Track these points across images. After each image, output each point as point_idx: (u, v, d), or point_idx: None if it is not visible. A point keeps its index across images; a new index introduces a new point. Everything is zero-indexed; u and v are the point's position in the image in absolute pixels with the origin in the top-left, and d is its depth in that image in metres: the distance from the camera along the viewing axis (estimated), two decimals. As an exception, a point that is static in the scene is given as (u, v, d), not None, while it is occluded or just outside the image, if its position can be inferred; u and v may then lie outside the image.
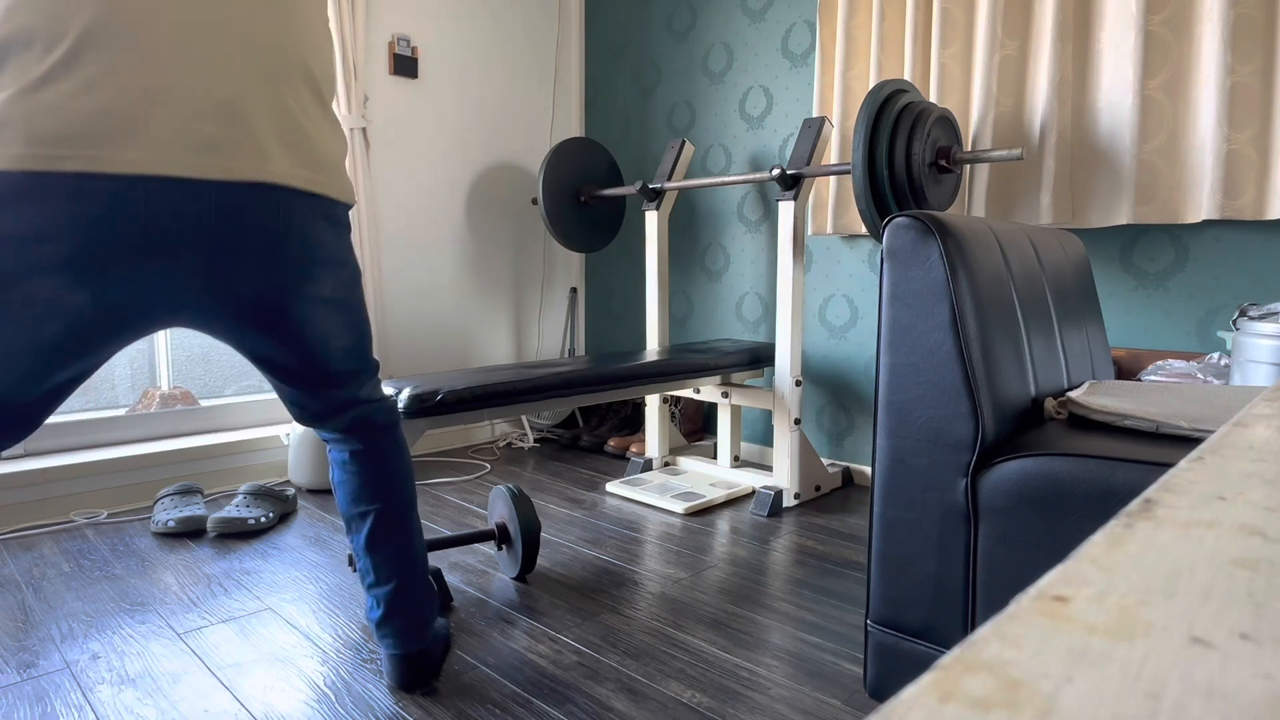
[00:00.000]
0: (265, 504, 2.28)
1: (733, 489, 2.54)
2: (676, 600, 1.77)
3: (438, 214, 3.14)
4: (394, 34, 2.95)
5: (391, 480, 1.38)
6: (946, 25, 2.29)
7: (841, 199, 2.61)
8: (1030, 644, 0.20)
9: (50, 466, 2.29)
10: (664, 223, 2.84)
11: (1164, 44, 1.98)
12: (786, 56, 2.82)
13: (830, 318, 2.77)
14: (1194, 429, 1.15)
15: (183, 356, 2.78)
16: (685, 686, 1.41)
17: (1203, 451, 0.38)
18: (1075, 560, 0.25)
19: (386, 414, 1.41)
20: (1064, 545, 1.09)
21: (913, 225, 1.21)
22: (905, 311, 1.22)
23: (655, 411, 2.81)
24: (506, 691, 1.40)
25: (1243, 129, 1.86)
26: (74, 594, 1.80)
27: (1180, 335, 2.05)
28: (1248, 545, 0.27)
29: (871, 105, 2.07)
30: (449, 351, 3.22)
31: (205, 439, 2.62)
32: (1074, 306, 1.61)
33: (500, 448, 3.23)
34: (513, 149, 3.38)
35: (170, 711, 1.34)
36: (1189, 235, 2.02)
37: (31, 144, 0.98)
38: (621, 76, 3.42)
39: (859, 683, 1.42)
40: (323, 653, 1.54)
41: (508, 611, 1.71)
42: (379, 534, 1.37)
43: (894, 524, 1.25)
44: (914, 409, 1.22)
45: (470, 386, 1.86)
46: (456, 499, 2.55)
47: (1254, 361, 1.58)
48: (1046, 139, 2.12)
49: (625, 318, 3.51)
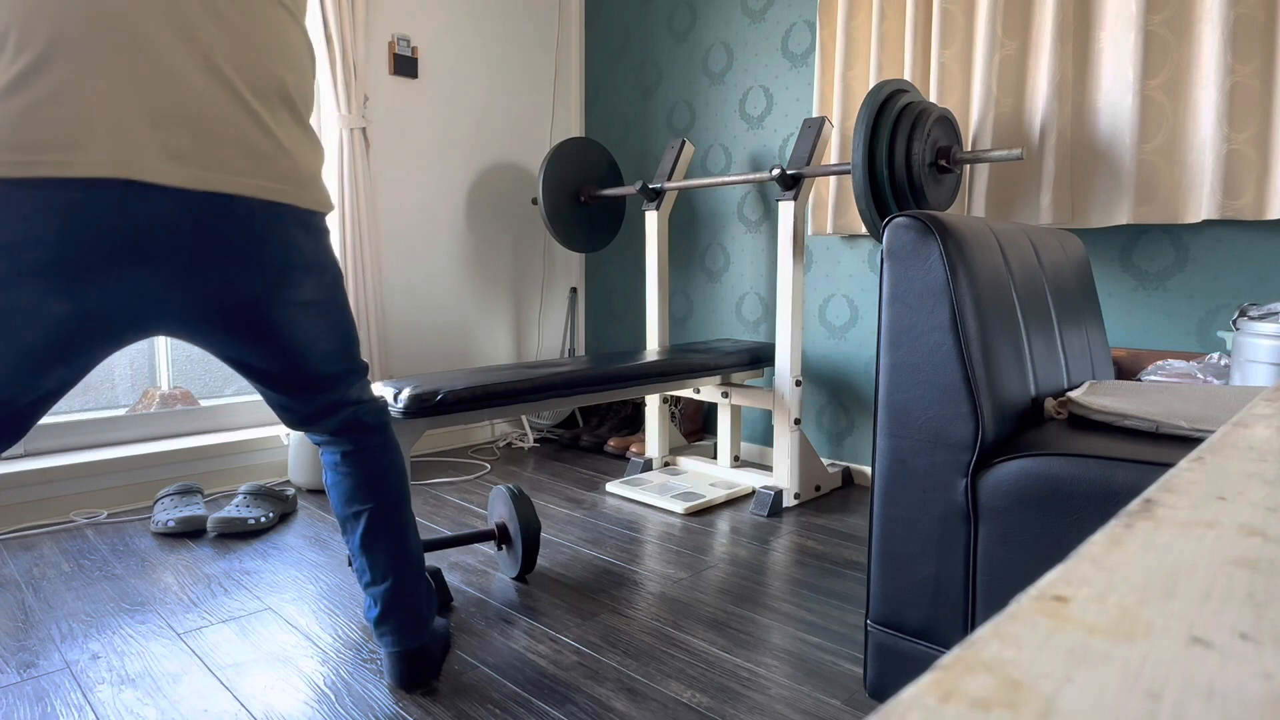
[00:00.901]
0: (265, 504, 2.28)
1: (733, 489, 2.54)
2: (676, 600, 1.77)
3: (437, 214, 3.14)
4: (394, 34, 2.95)
5: (383, 480, 1.39)
6: (946, 25, 2.29)
7: (841, 199, 2.61)
8: (1030, 644, 0.20)
9: (50, 466, 2.29)
10: (664, 223, 2.84)
11: (1164, 44, 1.98)
12: (786, 56, 2.82)
13: (830, 318, 2.77)
14: (1194, 429, 1.15)
15: (183, 356, 2.78)
16: (685, 686, 1.41)
17: (1203, 451, 0.38)
18: (1075, 560, 0.25)
19: (376, 415, 1.41)
20: (1064, 545, 1.09)
21: (913, 225, 1.21)
22: (905, 311, 1.22)
23: (655, 411, 2.81)
24: (506, 691, 1.40)
25: (1243, 129, 1.86)
26: (74, 594, 1.80)
27: (1180, 335, 2.05)
28: (1248, 545, 0.27)
29: (871, 105, 2.07)
30: (449, 351, 3.22)
31: (205, 439, 2.63)
32: (1074, 306, 1.61)
33: (500, 448, 3.23)
34: (513, 149, 3.38)
35: (170, 711, 1.34)
36: (1189, 235, 2.02)
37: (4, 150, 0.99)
38: (621, 76, 3.42)
39: (859, 683, 1.42)
40: (323, 653, 1.54)
41: (508, 611, 1.71)
42: (373, 533, 1.37)
43: (894, 524, 1.25)
44: (914, 409, 1.22)
45: (470, 386, 1.86)
46: (456, 499, 2.55)
47: (1254, 361, 1.58)
48: (1046, 139, 2.12)
49: (625, 318, 3.51)
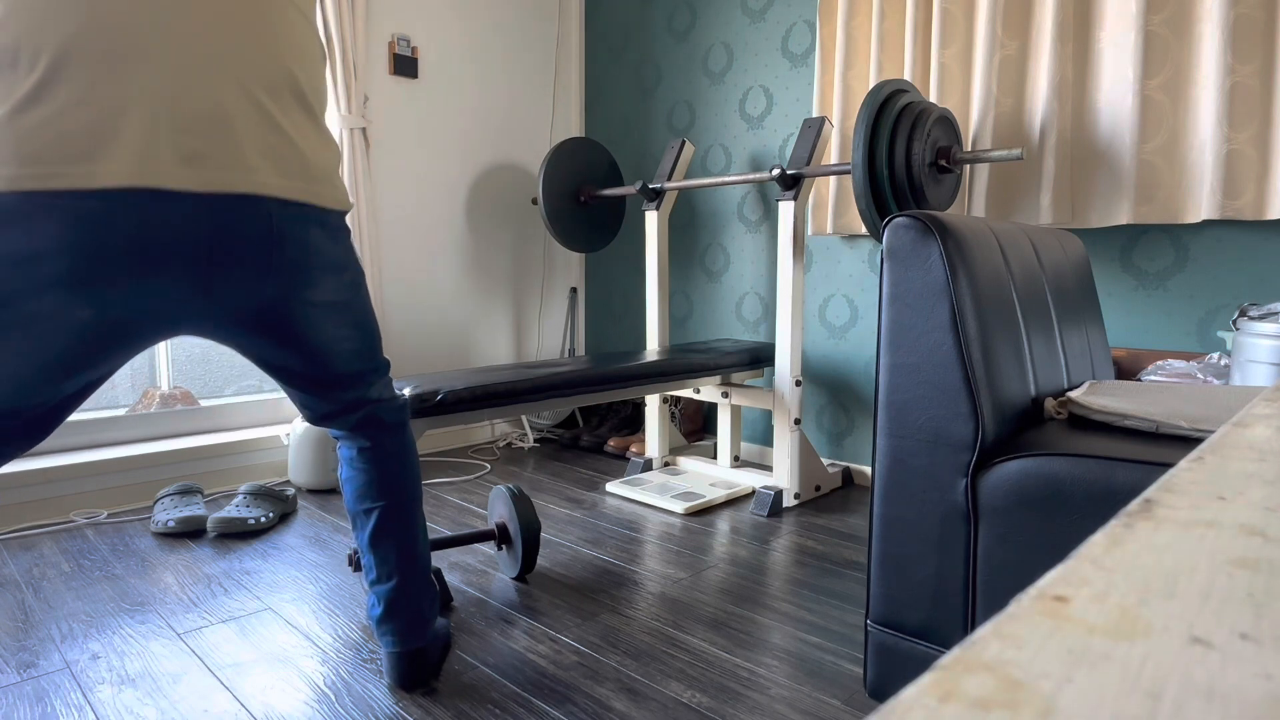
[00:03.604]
0: (265, 504, 2.28)
1: (733, 489, 2.54)
2: (676, 600, 1.77)
3: (438, 214, 3.14)
4: (394, 34, 2.95)
5: (397, 478, 1.39)
6: (946, 25, 2.29)
7: (841, 199, 2.61)
8: (1030, 644, 0.20)
9: (50, 466, 2.29)
10: (664, 223, 2.84)
11: (1164, 44, 1.98)
12: (786, 56, 2.82)
13: (830, 318, 2.77)
14: (1194, 429, 1.15)
15: (183, 356, 2.78)
16: (685, 686, 1.41)
17: (1203, 451, 0.38)
18: (1075, 560, 0.25)
19: (395, 413, 1.42)
20: (1064, 545, 1.09)
21: (913, 225, 1.21)
22: (905, 311, 1.22)
23: (655, 411, 2.81)
24: (506, 691, 1.40)
25: (1243, 129, 1.86)
26: (74, 594, 1.80)
27: (1180, 335, 2.05)
28: (1248, 545, 0.27)
29: (871, 105, 2.07)
30: (449, 351, 3.22)
31: (205, 439, 2.63)
32: (1074, 306, 1.61)
33: (500, 448, 3.23)
34: (513, 149, 3.38)
35: (170, 711, 1.34)
36: (1189, 235, 2.02)
37: (24, 164, 0.99)
38: (621, 76, 3.42)
39: (859, 683, 1.42)
40: (323, 653, 1.54)
41: (508, 611, 1.71)
42: (382, 531, 1.37)
43: (894, 524, 1.25)
44: (914, 409, 1.22)
45: (470, 386, 1.86)
46: (456, 499, 2.55)
47: (1254, 361, 1.58)
48: (1046, 139, 2.12)
49: (625, 318, 3.51)
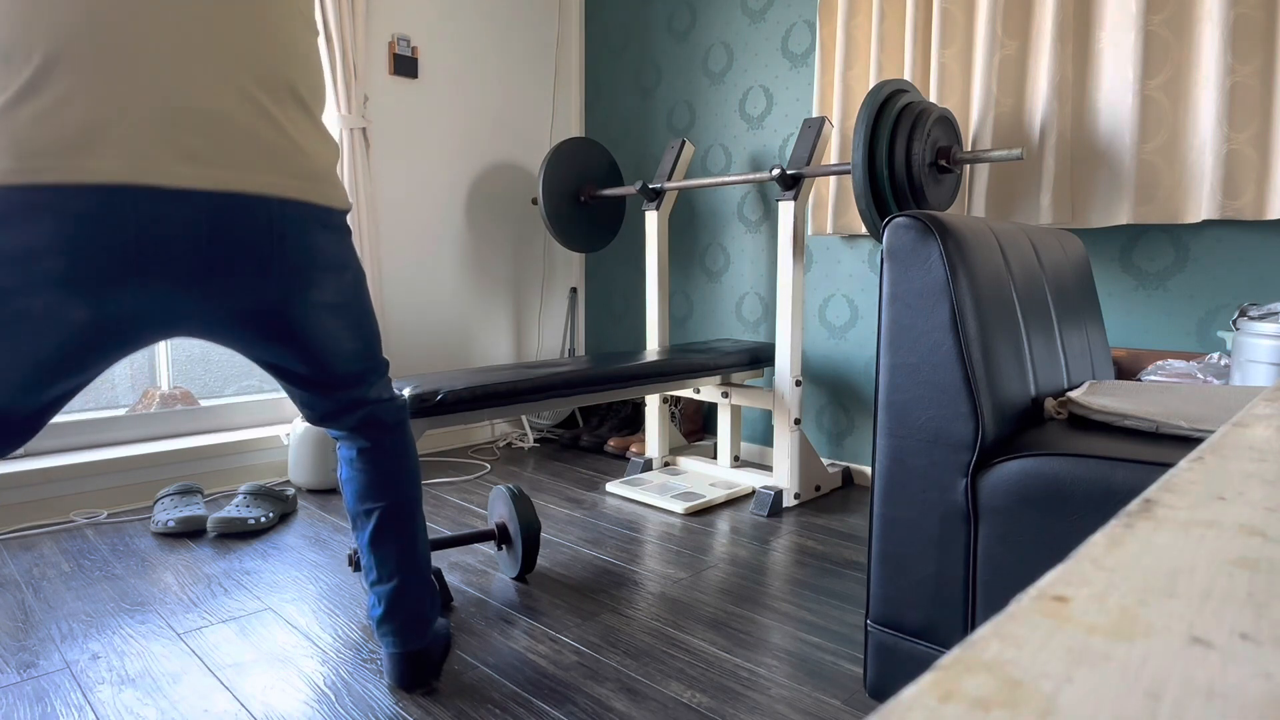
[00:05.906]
0: (265, 504, 2.28)
1: (733, 489, 2.54)
2: (676, 600, 1.77)
3: (438, 214, 3.14)
4: (394, 34, 2.95)
5: (397, 478, 1.39)
6: (946, 25, 2.29)
7: (841, 199, 2.61)
8: (1030, 644, 0.20)
9: (50, 466, 2.29)
10: (664, 223, 2.84)
11: (1164, 44, 1.98)
12: (786, 56, 2.82)
13: (830, 318, 2.77)
14: (1194, 429, 1.15)
15: (183, 356, 2.78)
16: (685, 686, 1.41)
17: (1203, 451, 0.38)
18: (1075, 560, 0.25)
19: (395, 413, 1.41)
20: (1064, 545, 1.09)
21: (913, 225, 1.21)
22: (905, 311, 1.22)
23: (655, 411, 2.81)
24: (506, 691, 1.40)
25: (1243, 129, 1.86)
26: (74, 594, 1.80)
27: (1180, 335, 2.05)
28: (1248, 545, 0.27)
29: (871, 105, 2.07)
30: (449, 351, 3.22)
31: (205, 439, 2.62)
32: (1074, 306, 1.61)
33: (500, 448, 3.23)
34: (513, 149, 3.38)
35: (170, 711, 1.34)
36: (1189, 235, 2.02)
37: (20, 158, 0.99)
38: (621, 76, 3.42)
39: (859, 683, 1.42)
40: (323, 653, 1.54)
41: (508, 611, 1.71)
42: (383, 531, 1.37)
43: (894, 524, 1.25)
44: (914, 409, 1.22)
45: (470, 386, 1.86)
46: (456, 499, 2.55)
47: (1254, 361, 1.58)
48: (1046, 139, 2.12)
49: (625, 318, 3.51)
